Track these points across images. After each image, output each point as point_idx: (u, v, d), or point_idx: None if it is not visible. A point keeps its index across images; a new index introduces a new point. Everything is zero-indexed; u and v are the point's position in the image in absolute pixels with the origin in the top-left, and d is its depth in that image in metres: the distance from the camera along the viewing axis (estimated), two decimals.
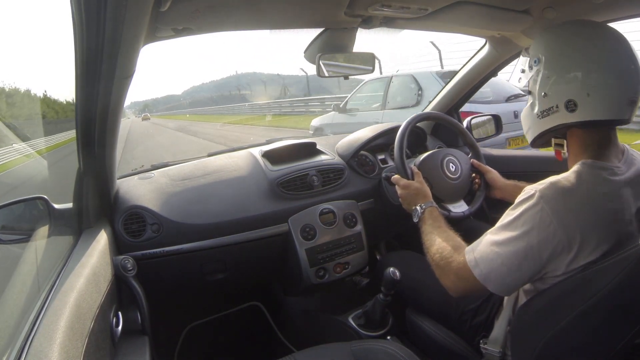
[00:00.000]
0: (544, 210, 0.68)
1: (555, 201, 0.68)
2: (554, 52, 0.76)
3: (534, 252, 0.69)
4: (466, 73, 1.53)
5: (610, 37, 0.73)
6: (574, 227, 0.67)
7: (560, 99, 0.74)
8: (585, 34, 0.74)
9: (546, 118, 0.78)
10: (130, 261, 0.93)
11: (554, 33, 0.78)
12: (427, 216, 0.97)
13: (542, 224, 0.68)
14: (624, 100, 0.71)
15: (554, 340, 0.69)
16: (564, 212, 0.67)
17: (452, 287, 0.80)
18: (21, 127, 5.50)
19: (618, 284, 0.61)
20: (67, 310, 0.63)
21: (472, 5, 0.98)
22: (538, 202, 0.69)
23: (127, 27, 0.58)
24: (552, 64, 0.76)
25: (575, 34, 0.76)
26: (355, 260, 1.32)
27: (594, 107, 0.72)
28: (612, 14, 1.06)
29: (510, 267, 0.71)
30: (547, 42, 0.78)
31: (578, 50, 0.73)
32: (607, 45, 0.72)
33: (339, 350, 0.91)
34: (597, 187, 0.69)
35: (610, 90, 0.71)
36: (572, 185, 0.69)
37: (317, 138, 1.64)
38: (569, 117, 0.74)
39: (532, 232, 0.69)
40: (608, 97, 0.71)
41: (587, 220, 0.67)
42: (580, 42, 0.74)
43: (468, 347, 0.97)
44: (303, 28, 1.07)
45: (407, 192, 1.07)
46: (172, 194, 1.22)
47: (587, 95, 0.71)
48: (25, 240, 0.99)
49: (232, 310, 1.56)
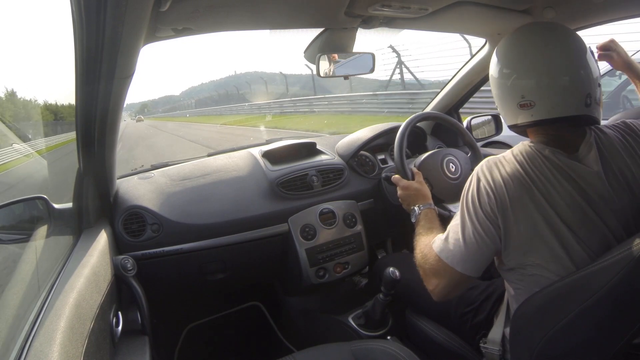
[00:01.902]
0: (480, 182, 0.75)
1: (487, 172, 0.75)
2: (505, 56, 0.79)
3: (482, 221, 0.74)
4: (466, 73, 1.53)
5: (558, 41, 0.75)
6: (505, 193, 0.72)
7: (514, 100, 0.77)
8: (532, 40, 0.76)
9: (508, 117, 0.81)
10: (130, 261, 0.93)
11: (508, 38, 0.80)
12: (422, 217, 0.98)
13: (480, 194, 0.75)
14: (578, 98, 0.72)
15: (553, 340, 0.69)
16: (495, 182, 0.73)
17: (434, 289, 0.81)
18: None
19: (617, 283, 0.61)
20: (67, 310, 0.63)
21: (472, 5, 0.98)
22: (474, 176, 0.77)
23: (127, 27, 0.58)
24: (505, 67, 0.78)
25: (523, 39, 0.77)
26: (355, 260, 1.32)
27: (547, 107, 0.74)
28: (612, 14, 1.06)
29: (471, 242, 0.75)
30: (501, 46, 0.80)
31: (524, 55, 0.76)
32: (551, 50, 0.74)
33: (339, 350, 0.91)
34: (529, 161, 0.74)
35: (561, 90, 0.72)
36: (504, 158, 0.76)
37: (317, 138, 1.64)
38: (523, 116, 0.76)
39: (475, 203, 0.75)
40: (559, 97, 0.73)
41: (515, 189, 0.71)
42: (526, 46, 0.76)
43: (468, 347, 0.97)
44: (303, 28, 1.07)
45: (407, 193, 1.07)
46: (172, 194, 1.22)
47: (538, 97, 0.74)
48: (25, 240, 0.99)
49: (232, 310, 1.56)
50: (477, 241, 0.75)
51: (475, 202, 0.75)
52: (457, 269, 0.76)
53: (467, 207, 0.77)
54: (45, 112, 7.80)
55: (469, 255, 0.76)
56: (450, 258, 0.77)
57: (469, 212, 0.76)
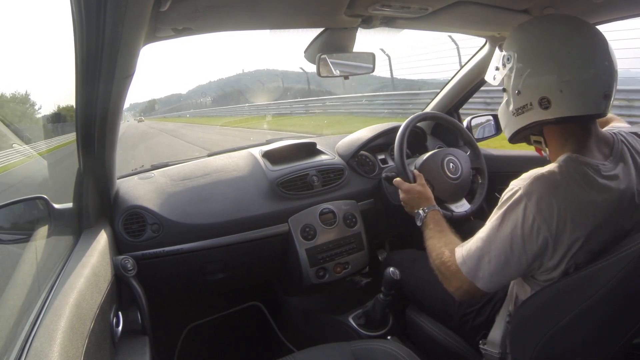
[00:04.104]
0: (527, 208, 0.68)
1: (539, 198, 0.67)
2: (526, 49, 0.74)
3: (519, 249, 0.69)
4: (466, 73, 1.53)
5: (583, 33, 0.72)
6: (557, 224, 0.67)
7: (534, 96, 0.73)
8: (557, 30, 0.73)
9: (521, 115, 0.76)
10: (130, 261, 0.93)
11: (526, 29, 0.76)
12: (430, 220, 0.97)
13: (525, 221, 0.68)
14: (599, 95, 0.70)
15: (553, 340, 0.69)
16: (548, 209, 0.67)
17: (455, 292, 0.80)
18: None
19: (617, 283, 0.61)
20: (67, 310, 0.63)
21: (472, 5, 0.98)
22: (521, 199, 0.69)
23: (127, 27, 0.58)
24: (525, 60, 0.74)
25: (547, 30, 0.74)
26: (355, 260, 1.32)
27: (568, 104, 0.70)
28: (612, 14, 1.06)
29: (497, 264, 0.72)
30: (519, 38, 0.76)
31: (550, 47, 0.72)
32: (579, 42, 0.71)
33: (339, 350, 0.91)
34: (581, 185, 0.68)
35: (583, 86, 0.69)
36: (556, 181, 0.68)
37: (317, 138, 1.64)
38: (542, 114, 0.73)
39: (517, 229, 0.69)
40: (581, 93, 0.70)
41: (571, 217, 0.66)
42: (553, 38, 0.72)
43: (468, 347, 0.97)
44: (303, 28, 1.07)
45: (410, 197, 1.07)
46: (172, 194, 1.22)
47: (560, 92, 0.70)
48: (25, 240, 0.99)
49: (232, 310, 1.56)
50: (509, 266, 0.71)
51: (517, 232, 0.69)
52: (477, 285, 0.75)
53: (503, 232, 0.71)
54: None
55: (492, 277, 0.73)
56: (472, 274, 0.75)
57: (506, 238, 0.70)
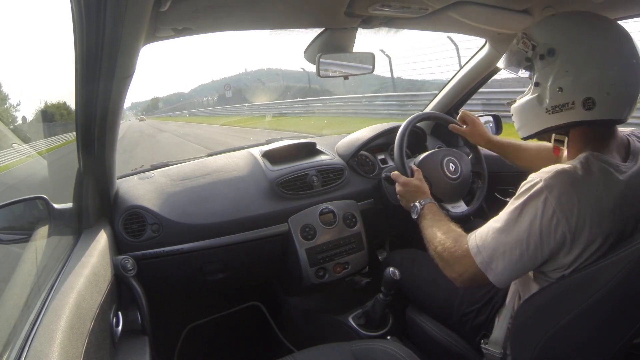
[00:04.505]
0: (548, 200, 0.66)
1: (560, 192, 0.66)
2: (575, 45, 0.71)
3: (536, 243, 0.68)
4: (466, 73, 1.53)
5: (621, 33, 0.71)
6: (577, 220, 0.65)
7: (578, 95, 0.70)
8: (608, 33, 0.71)
9: (558, 114, 0.73)
10: (130, 261, 0.93)
11: (574, 22, 0.73)
12: (427, 211, 0.97)
13: (545, 214, 0.67)
14: (634, 100, 0.70)
15: (554, 339, 0.69)
16: (568, 204, 0.65)
17: (457, 278, 0.79)
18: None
19: (617, 283, 0.61)
20: (67, 310, 0.63)
21: (472, 5, 0.98)
22: (542, 192, 0.67)
23: (127, 27, 0.58)
24: (574, 57, 0.71)
25: (597, 29, 0.72)
26: (355, 260, 1.32)
27: (611, 107, 0.69)
28: (612, 14, 1.06)
29: (512, 256, 0.70)
30: (565, 33, 0.73)
31: (603, 48, 0.70)
32: (622, 43, 0.70)
33: (339, 350, 0.91)
34: (603, 181, 0.67)
35: (626, 89, 0.69)
36: (579, 176, 0.67)
37: (317, 138, 1.64)
38: (584, 114, 0.70)
39: (535, 222, 0.68)
40: (624, 96, 0.69)
41: (591, 214, 0.65)
42: (604, 40, 0.70)
43: (468, 347, 0.97)
44: (303, 28, 1.07)
45: (406, 190, 1.07)
46: (172, 194, 1.22)
47: (607, 94, 0.68)
48: (25, 240, 0.99)
49: (232, 310, 1.56)
50: (523, 261, 0.70)
51: (535, 225, 0.68)
52: (488, 276, 0.73)
53: (521, 224, 0.69)
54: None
55: (505, 270, 0.72)
56: (485, 264, 0.73)
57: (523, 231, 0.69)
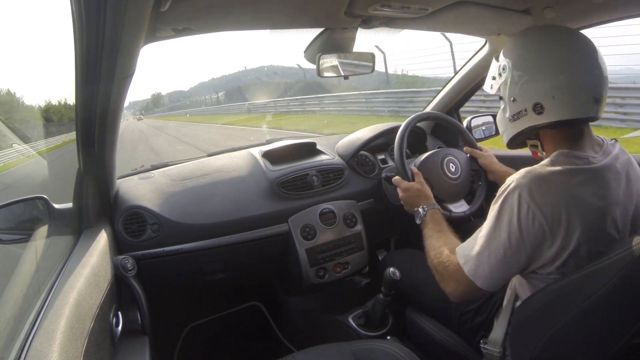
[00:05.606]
0: (521, 197, 0.71)
1: (531, 187, 0.70)
2: (520, 58, 0.79)
3: (517, 239, 0.71)
4: (466, 73, 1.53)
5: (573, 42, 0.76)
6: (552, 211, 0.69)
7: (527, 102, 0.77)
8: (549, 41, 0.78)
9: (517, 121, 0.81)
10: (130, 261, 0.93)
11: (520, 40, 0.81)
12: (429, 219, 0.97)
13: (521, 210, 0.70)
14: (589, 99, 0.74)
15: (553, 340, 0.69)
16: (540, 197, 0.69)
17: (452, 293, 0.81)
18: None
19: (616, 283, 0.61)
20: (67, 310, 0.63)
21: (472, 5, 0.98)
22: (514, 190, 0.72)
23: (127, 27, 0.58)
24: (519, 69, 0.78)
25: (539, 40, 0.79)
26: (355, 260, 1.32)
27: (560, 109, 0.75)
28: (612, 14, 1.06)
29: (497, 257, 0.73)
30: (514, 48, 0.81)
31: (543, 56, 0.77)
32: (570, 51, 0.76)
33: (339, 350, 0.91)
34: (573, 173, 0.71)
35: (574, 92, 0.74)
36: (547, 171, 0.72)
37: (317, 138, 1.64)
38: (537, 119, 0.77)
39: (513, 220, 0.71)
40: (572, 98, 0.74)
41: (565, 204, 0.69)
42: (545, 48, 0.77)
43: (468, 347, 0.97)
44: (303, 28, 1.07)
45: (408, 195, 1.07)
46: (172, 194, 1.22)
47: (552, 97, 0.74)
48: (25, 240, 0.99)
49: (232, 310, 1.56)
50: (508, 260, 0.73)
51: (514, 223, 0.71)
52: (477, 284, 0.75)
53: (501, 225, 0.73)
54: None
55: (493, 273, 0.74)
56: (473, 272, 0.76)
57: (504, 230, 0.72)
